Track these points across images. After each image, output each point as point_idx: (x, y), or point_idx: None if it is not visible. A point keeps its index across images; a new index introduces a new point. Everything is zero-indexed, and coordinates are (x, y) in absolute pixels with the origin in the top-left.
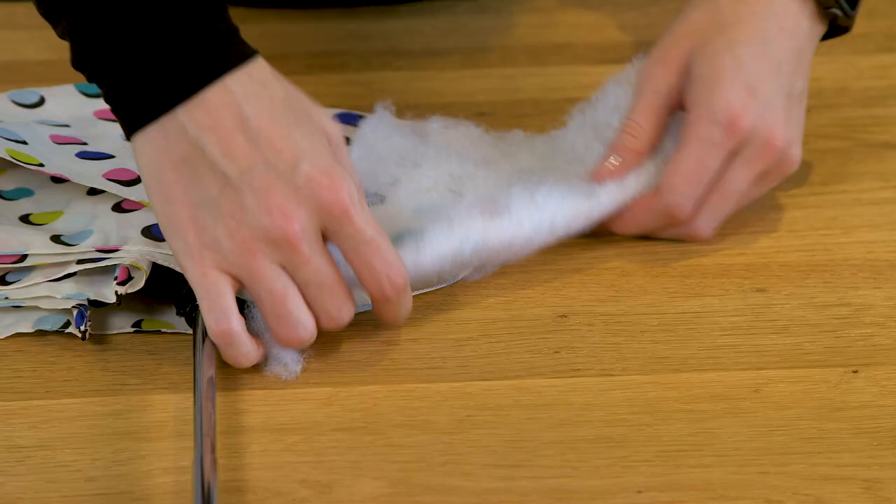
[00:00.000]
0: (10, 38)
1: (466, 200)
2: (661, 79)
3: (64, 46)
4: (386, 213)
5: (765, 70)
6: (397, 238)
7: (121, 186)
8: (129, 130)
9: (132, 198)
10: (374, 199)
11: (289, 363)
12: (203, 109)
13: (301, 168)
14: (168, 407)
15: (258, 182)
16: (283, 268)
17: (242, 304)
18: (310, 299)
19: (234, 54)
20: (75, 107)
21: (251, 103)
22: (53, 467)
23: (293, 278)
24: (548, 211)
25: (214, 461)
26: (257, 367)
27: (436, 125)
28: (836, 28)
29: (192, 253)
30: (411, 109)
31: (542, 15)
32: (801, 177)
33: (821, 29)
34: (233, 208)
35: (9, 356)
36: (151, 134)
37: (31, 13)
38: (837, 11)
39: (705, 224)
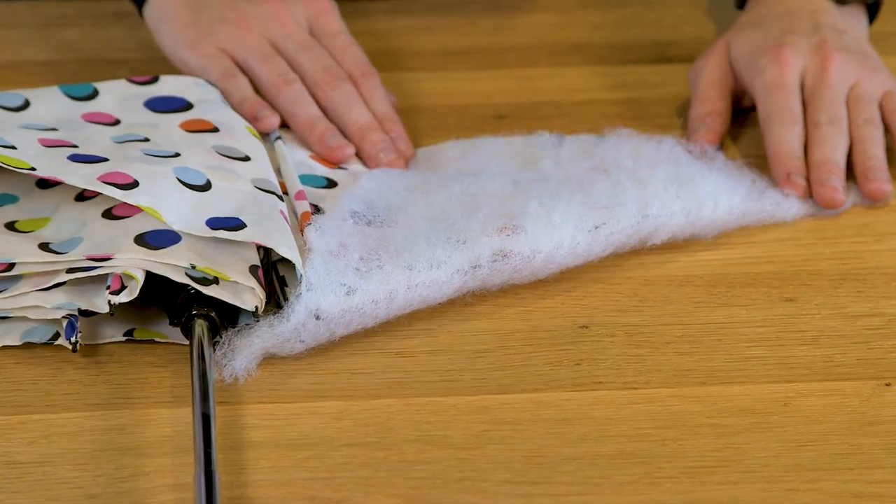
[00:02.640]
0: (10, 37)
1: (482, 214)
2: (709, 66)
3: (64, 47)
4: (398, 231)
5: (788, 25)
6: (412, 266)
7: (116, 189)
8: None
9: (129, 201)
10: (385, 219)
11: (236, 369)
12: None
13: None
14: (172, 421)
15: None
16: (276, 47)
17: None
18: (309, 84)
19: None
20: (61, 110)
21: None
22: (54, 484)
23: (290, 62)
24: (567, 231)
25: (216, 477)
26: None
27: (452, 153)
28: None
29: (193, 44)
30: (424, 112)
31: (562, 14)
32: None
33: None
34: (228, 6)
35: (8, 368)
36: None
37: (31, 13)
38: None
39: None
